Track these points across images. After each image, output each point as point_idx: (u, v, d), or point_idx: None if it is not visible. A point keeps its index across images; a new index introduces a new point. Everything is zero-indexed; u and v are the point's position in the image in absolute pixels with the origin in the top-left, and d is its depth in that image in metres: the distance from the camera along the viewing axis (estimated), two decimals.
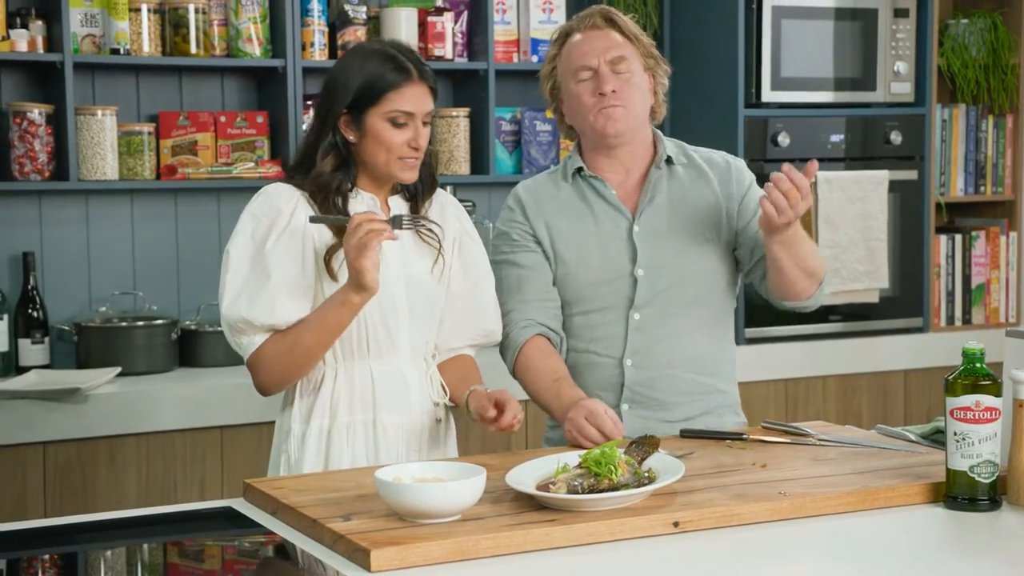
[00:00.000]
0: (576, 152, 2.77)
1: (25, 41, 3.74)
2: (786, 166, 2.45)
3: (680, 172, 2.73)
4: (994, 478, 2.08)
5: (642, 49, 2.70)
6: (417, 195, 2.59)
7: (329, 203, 2.46)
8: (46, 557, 2.03)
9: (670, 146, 2.75)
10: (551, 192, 2.75)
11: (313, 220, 2.41)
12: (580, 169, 2.73)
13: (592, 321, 2.69)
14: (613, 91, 2.63)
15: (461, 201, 4.27)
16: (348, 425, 2.49)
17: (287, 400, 2.55)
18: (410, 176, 2.50)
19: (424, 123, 2.49)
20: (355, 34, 4.05)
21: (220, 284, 2.46)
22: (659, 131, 2.77)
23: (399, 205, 2.58)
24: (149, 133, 3.90)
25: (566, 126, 2.77)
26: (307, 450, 2.48)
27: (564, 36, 2.74)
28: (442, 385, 2.59)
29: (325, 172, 2.48)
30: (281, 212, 2.46)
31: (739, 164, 2.78)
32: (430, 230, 2.56)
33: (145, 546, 2.12)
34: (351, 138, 2.49)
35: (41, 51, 3.78)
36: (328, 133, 2.49)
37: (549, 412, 2.62)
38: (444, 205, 2.64)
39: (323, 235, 2.47)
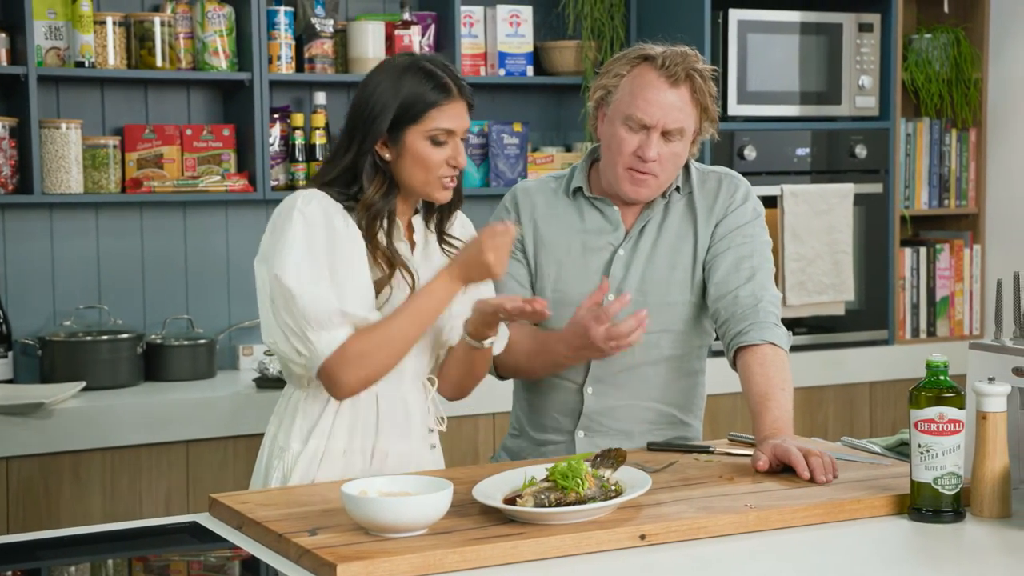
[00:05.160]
0: (583, 169, 2.69)
1: None
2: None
3: (675, 199, 2.65)
4: (958, 490, 2.09)
5: (704, 116, 2.57)
6: (443, 212, 2.50)
7: (377, 227, 2.38)
8: (8, 574, 2.02)
9: (679, 175, 2.65)
10: (549, 201, 2.69)
11: None
12: (581, 188, 2.67)
13: None
14: (654, 160, 2.53)
15: None
16: (346, 450, 2.42)
17: (287, 417, 2.45)
18: (445, 196, 2.42)
19: (462, 139, 2.41)
20: (322, 47, 4.05)
21: (279, 279, 2.30)
22: None
23: (420, 225, 2.50)
24: (114, 146, 3.88)
25: (596, 134, 2.66)
26: (298, 469, 2.40)
27: (640, 60, 2.58)
28: (439, 417, 2.54)
29: (377, 199, 2.39)
30: (334, 222, 2.35)
31: (732, 184, 2.66)
32: (453, 247, 2.50)
33: (110, 562, 2.11)
34: (387, 157, 2.39)
35: (5, 63, 3.76)
36: (367, 155, 2.39)
37: (551, 355, 2.56)
38: (452, 221, 2.56)
39: (362, 250, 2.38)
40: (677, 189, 2.66)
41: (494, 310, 2.40)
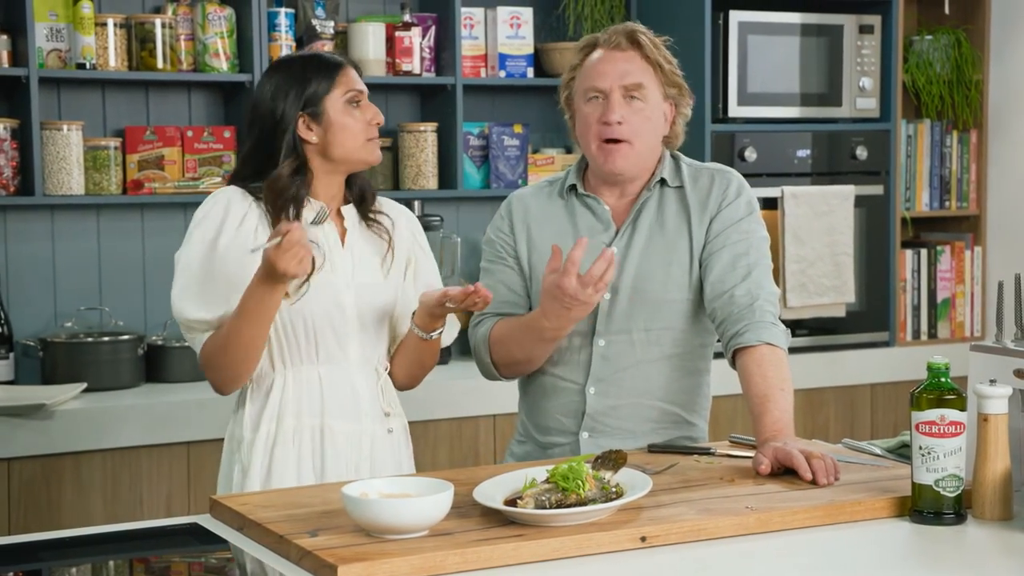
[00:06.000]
0: (576, 169, 2.70)
1: None
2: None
3: (669, 195, 2.64)
4: (959, 492, 2.09)
5: (664, 78, 2.60)
6: (364, 199, 2.62)
7: (286, 210, 2.47)
8: (10, 575, 2.02)
9: (668, 166, 2.65)
10: (543, 205, 2.69)
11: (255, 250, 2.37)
12: (574, 187, 2.67)
13: (558, 344, 2.64)
14: (619, 122, 2.54)
15: (429, 216, 4.28)
16: (295, 430, 2.51)
17: (238, 407, 2.56)
18: (378, 156, 2.55)
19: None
20: (322, 49, 4.04)
21: (173, 285, 2.51)
22: (664, 148, 2.67)
23: (351, 213, 2.59)
24: (115, 148, 3.88)
25: (575, 135, 2.69)
26: (255, 456, 2.50)
27: (588, 48, 2.63)
28: (392, 401, 2.61)
29: (284, 175, 2.49)
30: (231, 213, 2.49)
31: (725, 180, 2.64)
32: (379, 222, 2.60)
33: (111, 563, 2.11)
34: (313, 139, 2.50)
35: (6, 65, 3.76)
36: (280, 141, 2.49)
37: (537, 332, 2.53)
38: (396, 217, 2.65)
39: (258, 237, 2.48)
40: (664, 182, 2.64)
41: (437, 301, 2.47)
